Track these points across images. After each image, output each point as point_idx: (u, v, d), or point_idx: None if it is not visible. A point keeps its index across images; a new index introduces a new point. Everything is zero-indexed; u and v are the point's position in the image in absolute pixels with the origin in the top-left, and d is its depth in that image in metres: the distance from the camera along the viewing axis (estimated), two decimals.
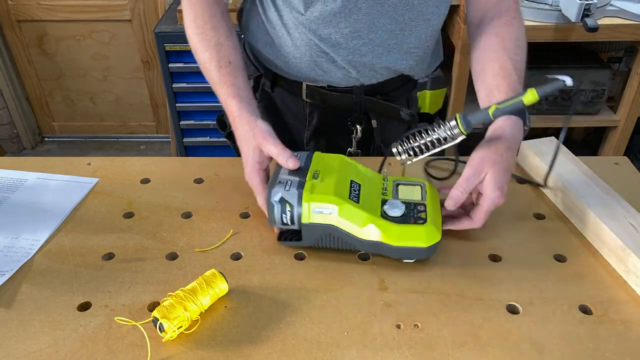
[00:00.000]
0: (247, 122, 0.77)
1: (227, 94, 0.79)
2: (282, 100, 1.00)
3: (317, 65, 0.89)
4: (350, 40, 0.85)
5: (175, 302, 0.62)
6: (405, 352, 0.60)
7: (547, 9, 1.63)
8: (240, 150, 0.78)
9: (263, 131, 0.75)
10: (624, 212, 0.74)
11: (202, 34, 0.82)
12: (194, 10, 0.84)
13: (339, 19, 0.83)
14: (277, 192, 0.69)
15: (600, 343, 0.61)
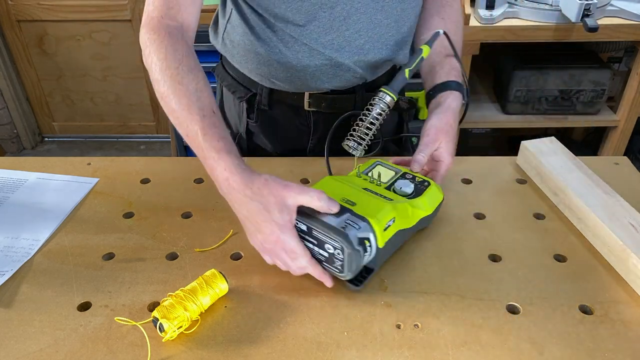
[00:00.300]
0: (250, 181, 0.63)
1: (215, 149, 0.65)
2: (282, 115, 0.96)
3: (322, 72, 0.87)
4: (353, 40, 0.84)
5: (175, 302, 0.62)
6: (405, 352, 0.60)
7: (547, 9, 1.63)
8: (247, 215, 0.65)
9: (279, 182, 0.63)
10: (624, 212, 0.74)
11: (177, 76, 0.69)
12: (164, 46, 0.71)
13: (340, 23, 0.82)
14: (353, 236, 0.61)
15: (600, 343, 0.61)
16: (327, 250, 0.63)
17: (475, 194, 0.86)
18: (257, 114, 0.97)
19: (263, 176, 0.64)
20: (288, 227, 0.63)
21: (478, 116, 1.90)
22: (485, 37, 1.66)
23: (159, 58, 0.71)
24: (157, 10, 0.74)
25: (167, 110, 0.70)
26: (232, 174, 0.64)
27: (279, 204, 0.62)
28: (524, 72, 1.79)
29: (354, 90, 0.92)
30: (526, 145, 0.91)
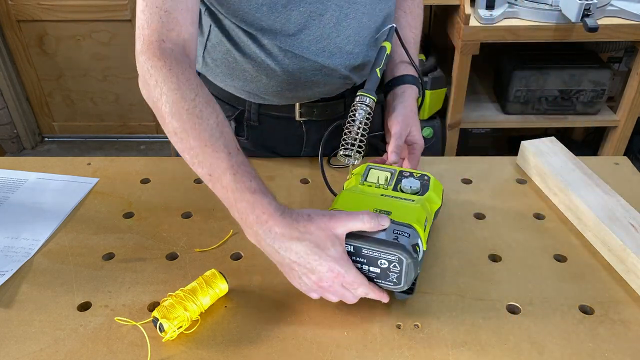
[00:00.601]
0: (294, 221, 0.58)
1: (249, 190, 0.59)
2: (273, 129, 0.94)
3: (314, 82, 0.86)
4: (344, 46, 0.83)
5: (175, 302, 0.62)
6: (405, 352, 0.60)
7: (547, 9, 1.63)
8: (296, 259, 0.58)
9: (323, 213, 0.59)
10: (624, 212, 0.74)
11: (194, 109, 0.62)
12: (174, 75, 0.63)
13: (330, 30, 0.80)
14: (408, 245, 0.60)
15: (600, 343, 0.61)
16: (381, 265, 0.61)
17: (475, 194, 0.86)
18: (246, 131, 0.95)
19: (304, 212, 0.59)
20: (344, 258, 0.59)
21: (478, 116, 1.90)
22: (485, 37, 1.66)
23: (170, 89, 0.63)
24: (155, 34, 0.66)
25: (183, 147, 0.62)
26: (272, 217, 0.58)
27: (330, 238, 0.58)
28: (524, 72, 1.79)
29: (344, 95, 0.92)
30: (526, 145, 0.91)
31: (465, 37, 1.66)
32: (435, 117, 1.95)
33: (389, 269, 0.61)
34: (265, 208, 0.58)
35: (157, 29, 0.66)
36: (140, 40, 0.67)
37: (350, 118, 0.79)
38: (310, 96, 0.90)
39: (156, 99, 0.64)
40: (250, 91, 0.89)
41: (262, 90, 0.88)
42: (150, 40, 0.66)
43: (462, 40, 1.67)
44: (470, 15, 1.65)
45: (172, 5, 0.65)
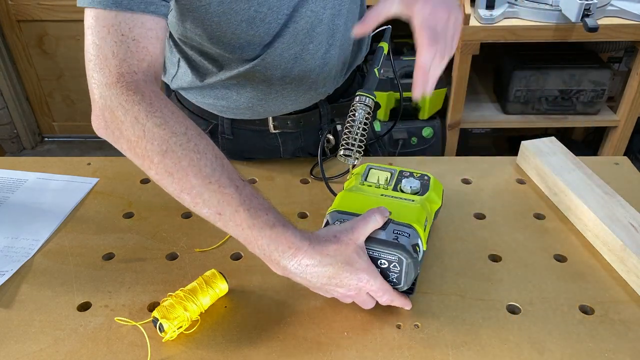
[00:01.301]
0: (323, 247, 0.56)
1: (268, 225, 0.55)
2: (248, 141, 0.93)
3: (285, 95, 0.84)
4: (315, 52, 0.80)
5: (175, 302, 0.62)
6: (405, 352, 0.60)
7: (547, 9, 1.63)
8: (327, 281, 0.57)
9: (345, 228, 0.58)
10: (624, 212, 0.74)
11: (188, 143, 0.56)
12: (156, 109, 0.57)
13: (303, 36, 0.77)
14: (408, 245, 0.60)
15: (600, 343, 0.61)
16: (381, 265, 0.61)
17: (475, 194, 0.86)
18: (221, 143, 0.93)
19: (330, 233, 0.57)
20: (372, 267, 0.59)
21: (478, 116, 1.90)
22: (485, 37, 1.66)
23: (156, 124, 0.56)
24: (125, 65, 0.58)
25: (181, 187, 0.56)
26: (300, 250, 0.55)
27: (356, 251, 0.57)
28: (524, 72, 1.79)
29: (317, 105, 0.91)
30: (526, 145, 0.91)
31: (465, 37, 1.66)
32: (435, 117, 1.95)
33: (389, 269, 0.61)
34: (291, 242, 0.55)
35: (127, 60, 0.58)
36: (104, 72, 0.58)
37: (349, 118, 0.78)
38: (282, 109, 0.88)
39: (136, 138, 0.57)
40: (221, 107, 0.88)
41: (233, 106, 0.86)
42: (119, 72, 0.58)
43: (462, 40, 1.67)
44: (470, 15, 1.65)
45: (141, 32, 0.58)
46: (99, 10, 0.58)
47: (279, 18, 0.74)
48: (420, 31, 0.64)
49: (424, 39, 0.63)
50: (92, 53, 0.58)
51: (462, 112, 1.85)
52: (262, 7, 0.72)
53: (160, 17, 0.61)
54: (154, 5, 0.59)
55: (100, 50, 0.58)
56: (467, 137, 2.11)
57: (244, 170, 0.92)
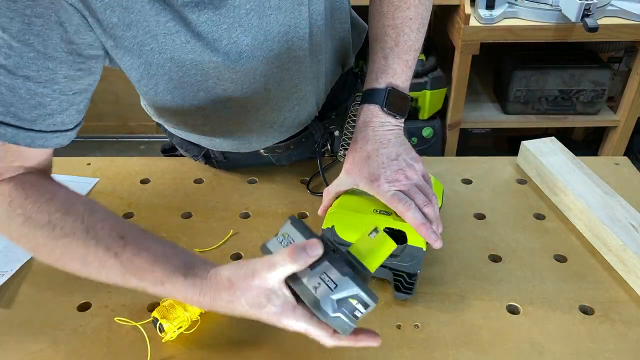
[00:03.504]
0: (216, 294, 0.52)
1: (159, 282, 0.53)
2: (241, 162, 0.92)
3: (268, 134, 0.82)
4: (293, 94, 0.76)
5: (175, 303, 0.62)
6: (405, 352, 0.60)
7: (547, 9, 1.63)
8: (248, 315, 0.53)
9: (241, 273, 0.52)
10: (624, 212, 0.74)
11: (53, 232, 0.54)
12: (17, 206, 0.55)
13: (277, 89, 0.73)
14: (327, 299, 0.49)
15: (600, 343, 0.61)
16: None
17: (475, 194, 0.86)
18: (217, 164, 0.93)
19: (223, 276, 0.52)
20: (288, 309, 0.51)
21: (478, 116, 1.90)
22: (485, 37, 1.66)
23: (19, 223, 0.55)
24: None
25: (72, 271, 0.56)
26: (192, 297, 0.53)
27: (261, 295, 0.50)
28: (524, 72, 1.79)
29: (307, 128, 0.87)
30: (526, 145, 0.91)
31: (465, 37, 1.66)
32: (435, 117, 1.95)
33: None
34: (183, 295, 0.53)
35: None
36: None
37: (349, 119, 0.78)
38: (269, 142, 0.86)
39: (13, 239, 0.57)
40: (208, 144, 0.87)
41: (219, 146, 0.86)
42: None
43: (462, 40, 1.67)
44: (470, 15, 1.65)
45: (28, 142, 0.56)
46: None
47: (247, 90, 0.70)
48: (392, 204, 0.63)
49: (400, 207, 0.63)
50: None
51: (462, 112, 1.85)
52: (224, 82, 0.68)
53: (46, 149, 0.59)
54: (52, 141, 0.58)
55: None
56: (467, 137, 2.11)
57: (243, 172, 0.92)
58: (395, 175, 0.64)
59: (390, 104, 0.68)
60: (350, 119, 0.78)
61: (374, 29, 0.73)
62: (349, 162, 0.68)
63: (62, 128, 0.58)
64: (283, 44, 0.68)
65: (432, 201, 0.65)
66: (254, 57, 0.66)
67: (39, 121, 0.55)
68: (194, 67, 0.65)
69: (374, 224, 0.59)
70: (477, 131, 2.31)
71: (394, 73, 0.69)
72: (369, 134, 0.67)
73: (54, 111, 0.56)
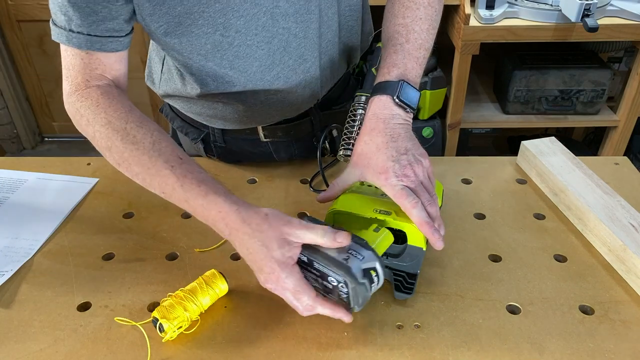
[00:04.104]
0: (248, 217, 0.59)
1: (200, 195, 0.60)
2: (241, 148, 0.93)
3: (271, 107, 0.83)
4: (297, 74, 0.79)
5: (175, 303, 0.62)
6: (405, 352, 0.60)
7: (547, 9, 1.63)
8: (247, 254, 0.59)
9: (281, 217, 0.59)
10: (624, 212, 0.74)
11: (128, 137, 0.64)
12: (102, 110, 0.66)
13: (281, 54, 0.76)
14: (357, 268, 0.56)
15: (600, 343, 0.61)
16: (331, 282, 0.58)
17: (475, 194, 0.86)
18: (215, 151, 0.94)
19: (263, 211, 0.59)
20: (289, 264, 0.57)
21: (478, 116, 1.90)
22: (485, 37, 1.66)
23: (101, 124, 0.65)
24: (80, 75, 0.68)
25: (131, 174, 0.65)
26: (228, 214, 0.59)
27: (279, 240, 0.57)
28: (524, 72, 1.79)
29: (308, 113, 0.89)
30: (526, 145, 0.91)
31: (465, 37, 1.66)
32: (435, 117, 1.95)
33: (338, 288, 0.58)
34: (220, 206, 0.60)
35: (82, 71, 0.68)
36: (67, 83, 0.69)
37: (349, 118, 0.78)
38: (269, 120, 0.87)
39: (91, 137, 0.68)
40: (210, 117, 0.88)
41: (220, 116, 0.86)
42: (76, 82, 0.68)
43: (462, 40, 1.67)
44: (470, 15, 1.65)
45: (89, 45, 0.66)
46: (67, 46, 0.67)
47: (248, 40, 0.72)
48: (399, 200, 0.63)
49: (407, 203, 0.62)
50: (62, 64, 0.69)
51: (462, 112, 1.85)
52: (229, 31, 0.70)
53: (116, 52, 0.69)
54: (108, 45, 0.67)
55: (65, 61, 0.69)
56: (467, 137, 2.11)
57: (243, 172, 0.92)
58: (404, 170, 0.64)
59: (402, 96, 0.68)
60: (350, 119, 0.78)
61: (386, 29, 0.75)
62: (356, 154, 0.68)
63: (115, 34, 0.67)
64: (291, 4, 0.71)
65: (433, 198, 0.65)
66: (257, 5, 0.69)
67: (93, 26, 0.65)
68: (201, 13, 0.67)
69: (373, 225, 0.62)
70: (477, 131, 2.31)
71: (405, 67, 0.70)
72: (379, 126, 0.67)
73: (105, 18, 0.65)
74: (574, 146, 1.81)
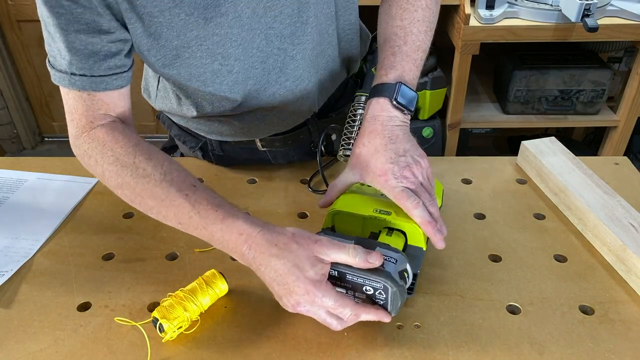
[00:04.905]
0: (274, 237, 0.57)
1: (218, 220, 0.59)
2: (239, 156, 0.93)
3: (268, 122, 0.83)
4: (294, 92, 0.78)
5: (175, 303, 0.62)
6: (405, 352, 0.60)
7: (547, 9, 1.63)
8: (275, 277, 0.56)
9: (308, 235, 0.57)
10: (624, 212, 0.74)
11: (137, 171, 0.63)
12: (108, 148, 0.65)
13: (279, 75, 0.76)
14: (395, 272, 0.58)
15: (600, 343, 0.61)
16: (366, 292, 0.59)
17: (475, 194, 0.86)
18: (213, 159, 0.94)
19: (289, 230, 0.58)
20: (323, 282, 0.56)
21: (478, 116, 1.90)
22: (485, 37, 1.66)
23: (109, 162, 0.65)
24: (84, 118, 0.67)
25: (145, 209, 0.64)
26: (250, 236, 0.57)
27: (311, 259, 0.55)
28: (524, 72, 1.79)
29: (306, 123, 0.89)
30: (526, 145, 0.91)
31: (465, 37, 1.66)
32: (435, 117, 1.95)
33: (375, 296, 0.59)
34: (242, 229, 0.58)
35: (84, 113, 0.67)
36: (72, 126, 0.69)
37: (349, 118, 0.78)
38: (268, 132, 0.87)
39: (100, 176, 0.67)
40: (206, 132, 0.88)
41: (217, 132, 0.87)
42: (81, 125, 0.68)
43: (462, 40, 1.67)
44: (470, 15, 1.65)
45: (94, 87, 0.66)
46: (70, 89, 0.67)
47: (246, 65, 0.72)
48: (400, 201, 0.63)
49: (409, 204, 0.62)
50: (65, 108, 0.69)
51: (462, 112, 1.85)
52: (228, 60, 0.70)
53: (120, 89, 0.68)
54: (113, 83, 0.67)
55: (67, 105, 0.68)
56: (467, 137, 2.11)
57: (243, 172, 0.92)
58: (403, 172, 0.64)
59: (400, 98, 0.68)
60: (349, 119, 0.78)
61: (383, 30, 0.75)
62: (355, 156, 0.68)
63: (118, 71, 0.66)
64: (286, 26, 0.70)
65: (434, 201, 0.65)
66: (253, 30, 0.68)
67: (95, 67, 0.64)
68: (198, 46, 0.67)
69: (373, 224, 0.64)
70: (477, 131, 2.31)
71: (403, 69, 0.70)
72: (377, 128, 0.67)
73: (106, 56, 0.64)
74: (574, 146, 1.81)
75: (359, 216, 0.66)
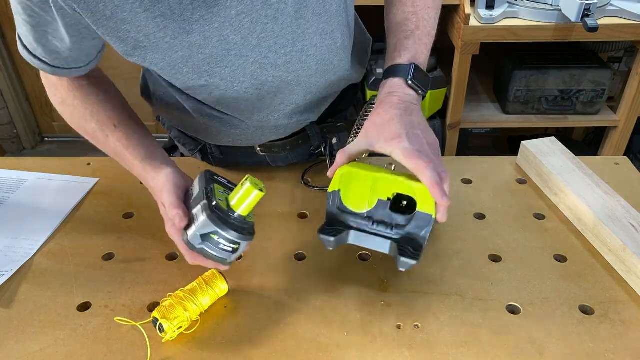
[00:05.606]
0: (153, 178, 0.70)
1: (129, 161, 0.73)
2: (238, 159, 0.93)
3: (265, 131, 0.83)
4: (291, 112, 0.79)
5: (175, 303, 0.62)
6: (405, 352, 0.60)
7: (547, 9, 1.63)
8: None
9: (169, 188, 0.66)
10: (624, 212, 0.74)
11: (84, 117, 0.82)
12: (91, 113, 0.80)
13: (273, 99, 0.75)
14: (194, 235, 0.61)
15: (600, 343, 0.61)
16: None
17: (475, 194, 0.86)
18: (213, 161, 0.94)
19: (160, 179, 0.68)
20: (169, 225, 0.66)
21: (478, 116, 1.90)
22: (485, 37, 1.66)
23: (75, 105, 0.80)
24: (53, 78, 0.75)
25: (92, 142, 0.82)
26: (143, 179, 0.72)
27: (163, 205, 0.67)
28: (524, 72, 1.79)
29: (305, 129, 0.88)
30: (526, 145, 0.91)
31: (465, 37, 1.66)
32: (435, 117, 1.95)
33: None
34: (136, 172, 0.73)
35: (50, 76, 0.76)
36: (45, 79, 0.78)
37: (360, 119, 0.78)
38: (266, 139, 0.86)
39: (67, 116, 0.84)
40: (205, 136, 0.88)
41: (214, 137, 0.86)
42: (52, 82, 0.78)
43: (462, 40, 1.67)
44: (470, 15, 1.65)
45: (56, 73, 0.72)
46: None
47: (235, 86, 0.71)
48: (412, 159, 0.60)
49: (421, 163, 0.59)
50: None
51: (462, 112, 1.85)
52: (214, 78, 0.69)
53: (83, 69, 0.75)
54: (74, 73, 0.74)
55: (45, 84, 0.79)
56: (467, 137, 2.11)
57: (242, 172, 0.92)
58: (416, 139, 0.62)
59: (415, 78, 0.68)
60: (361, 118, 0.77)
61: (395, 16, 0.75)
62: (369, 122, 0.66)
63: (77, 65, 0.72)
64: (280, 56, 0.69)
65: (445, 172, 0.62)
66: (242, 56, 0.67)
67: (57, 61, 0.69)
68: (185, 65, 0.67)
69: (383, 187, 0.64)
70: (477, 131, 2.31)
71: (416, 52, 0.71)
72: (393, 100, 0.66)
73: (68, 57, 0.69)
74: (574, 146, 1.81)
75: (369, 176, 0.64)
